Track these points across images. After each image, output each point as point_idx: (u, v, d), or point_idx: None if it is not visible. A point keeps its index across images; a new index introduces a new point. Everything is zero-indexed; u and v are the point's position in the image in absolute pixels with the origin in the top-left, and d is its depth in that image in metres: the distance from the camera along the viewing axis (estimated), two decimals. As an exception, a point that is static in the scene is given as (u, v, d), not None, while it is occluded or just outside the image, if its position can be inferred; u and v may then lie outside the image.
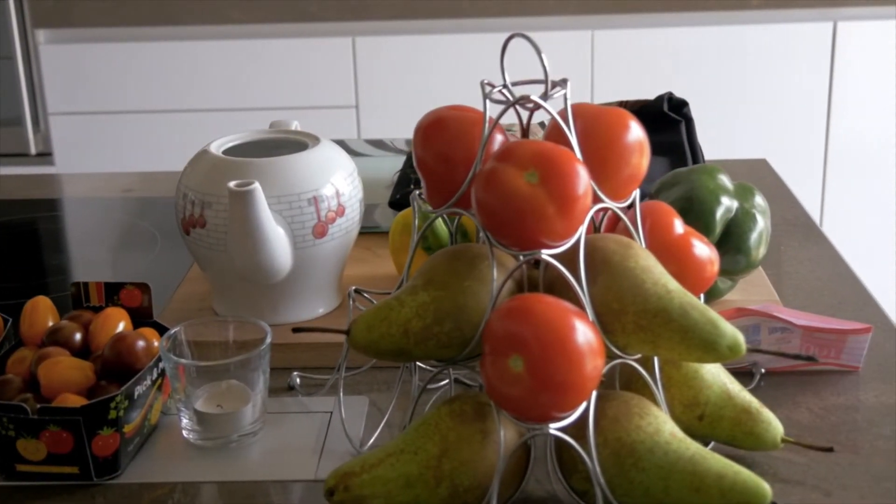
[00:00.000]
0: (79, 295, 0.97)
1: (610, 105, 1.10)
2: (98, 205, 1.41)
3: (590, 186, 0.75)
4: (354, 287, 0.91)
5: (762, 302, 1.05)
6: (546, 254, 0.75)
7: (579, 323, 0.72)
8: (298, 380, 0.98)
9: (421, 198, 0.85)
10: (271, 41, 2.46)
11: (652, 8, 2.44)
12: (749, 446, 0.83)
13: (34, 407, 0.82)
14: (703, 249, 0.88)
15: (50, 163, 2.54)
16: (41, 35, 2.49)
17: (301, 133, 1.07)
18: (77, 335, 0.91)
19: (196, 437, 0.88)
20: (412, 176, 1.33)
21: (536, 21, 2.46)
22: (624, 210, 0.82)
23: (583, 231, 0.76)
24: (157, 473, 0.85)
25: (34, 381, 0.87)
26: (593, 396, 0.74)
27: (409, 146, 1.51)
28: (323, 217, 0.99)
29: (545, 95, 0.79)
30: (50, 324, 0.94)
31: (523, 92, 0.80)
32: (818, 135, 2.48)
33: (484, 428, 0.76)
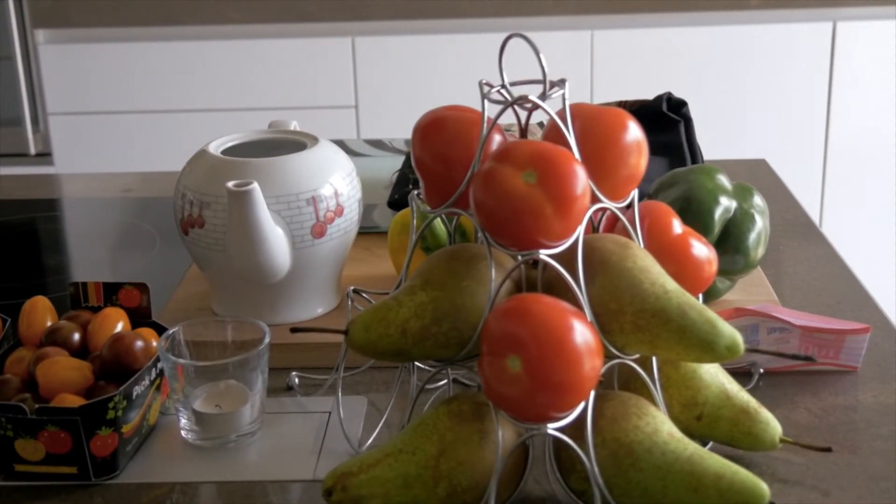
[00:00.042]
0: (77, 295, 0.97)
1: (609, 105, 1.10)
2: (97, 205, 1.41)
3: (588, 186, 0.75)
4: (353, 287, 0.91)
5: (761, 302, 1.05)
6: (544, 254, 0.75)
7: (577, 323, 0.72)
8: (297, 380, 0.97)
9: (419, 198, 0.85)
10: (271, 41, 2.46)
11: (651, 8, 2.44)
12: (747, 446, 0.83)
13: (32, 407, 0.82)
14: (702, 249, 0.88)
15: (49, 163, 2.54)
16: (41, 35, 2.49)
17: (300, 133, 1.07)
18: (76, 335, 0.91)
19: (194, 437, 0.88)
20: (411, 176, 1.33)
21: (535, 21, 2.46)
22: (622, 210, 0.82)
23: (581, 231, 0.76)
24: (156, 473, 0.85)
25: (32, 381, 0.87)
26: (591, 396, 0.74)
27: (408, 146, 1.51)
28: (321, 217, 0.99)
29: (543, 95, 0.79)
30: (48, 324, 0.94)
31: (522, 92, 0.80)
32: (817, 135, 2.48)
33: (482, 428, 0.76)
